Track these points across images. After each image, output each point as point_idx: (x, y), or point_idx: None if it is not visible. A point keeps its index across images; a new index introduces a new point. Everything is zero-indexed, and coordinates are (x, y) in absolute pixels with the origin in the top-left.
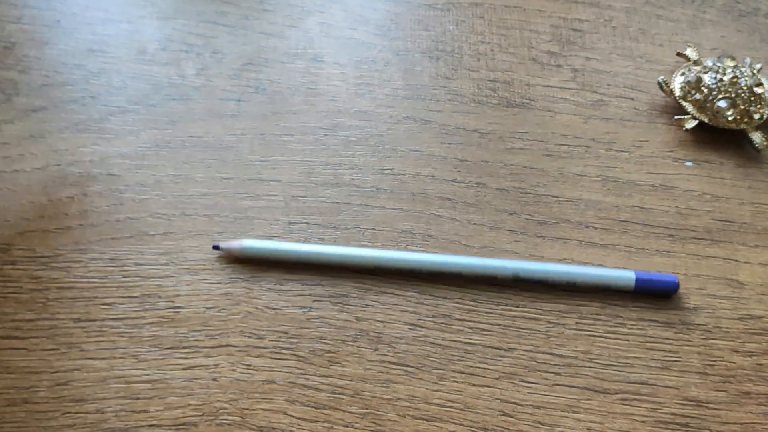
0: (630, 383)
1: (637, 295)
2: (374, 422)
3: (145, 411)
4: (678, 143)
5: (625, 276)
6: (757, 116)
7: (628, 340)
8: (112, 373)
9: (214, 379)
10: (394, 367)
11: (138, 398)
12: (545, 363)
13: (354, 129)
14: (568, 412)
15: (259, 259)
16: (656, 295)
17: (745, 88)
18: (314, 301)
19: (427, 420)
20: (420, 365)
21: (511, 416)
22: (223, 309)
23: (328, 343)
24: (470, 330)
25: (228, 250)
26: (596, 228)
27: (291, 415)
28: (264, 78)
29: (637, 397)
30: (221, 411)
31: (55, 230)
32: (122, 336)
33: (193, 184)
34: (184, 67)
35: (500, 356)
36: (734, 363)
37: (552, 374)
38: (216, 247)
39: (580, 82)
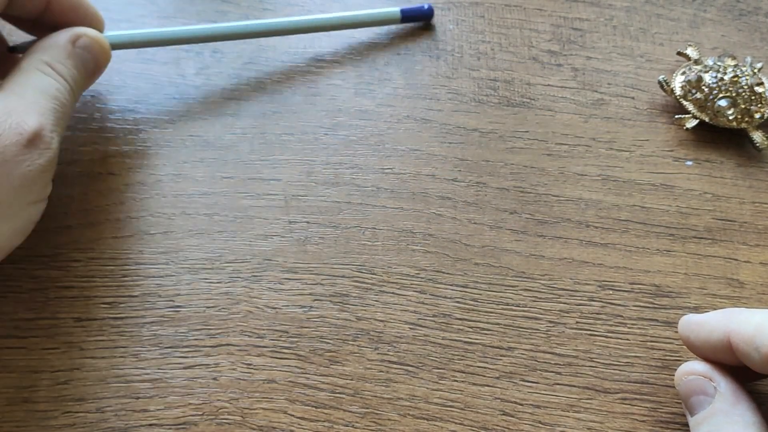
0: (630, 383)
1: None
2: (374, 421)
3: (145, 410)
4: (678, 142)
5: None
6: (757, 115)
7: (628, 340)
8: (112, 372)
9: (214, 379)
10: (395, 366)
11: (138, 397)
12: (545, 362)
13: (354, 128)
14: (568, 411)
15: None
16: (418, 20)
17: (745, 87)
18: (314, 300)
19: (427, 419)
20: (420, 364)
21: (512, 416)
22: (224, 308)
23: (329, 343)
24: (470, 329)
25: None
26: (596, 227)
27: (291, 415)
28: (264, 77)
29: (637, 396)
30: (221, 410)
31: (55, 229)
32: (122, 335)
33: (193, 183)
34: (184, 66)
35: (500, 355)
36: None
37: (552, 374)
38: (12, 49)
39: (580, 82)
